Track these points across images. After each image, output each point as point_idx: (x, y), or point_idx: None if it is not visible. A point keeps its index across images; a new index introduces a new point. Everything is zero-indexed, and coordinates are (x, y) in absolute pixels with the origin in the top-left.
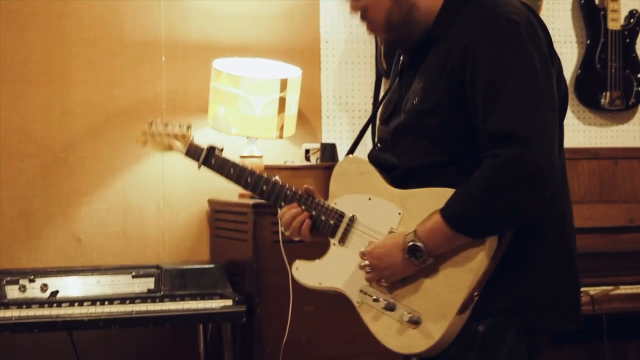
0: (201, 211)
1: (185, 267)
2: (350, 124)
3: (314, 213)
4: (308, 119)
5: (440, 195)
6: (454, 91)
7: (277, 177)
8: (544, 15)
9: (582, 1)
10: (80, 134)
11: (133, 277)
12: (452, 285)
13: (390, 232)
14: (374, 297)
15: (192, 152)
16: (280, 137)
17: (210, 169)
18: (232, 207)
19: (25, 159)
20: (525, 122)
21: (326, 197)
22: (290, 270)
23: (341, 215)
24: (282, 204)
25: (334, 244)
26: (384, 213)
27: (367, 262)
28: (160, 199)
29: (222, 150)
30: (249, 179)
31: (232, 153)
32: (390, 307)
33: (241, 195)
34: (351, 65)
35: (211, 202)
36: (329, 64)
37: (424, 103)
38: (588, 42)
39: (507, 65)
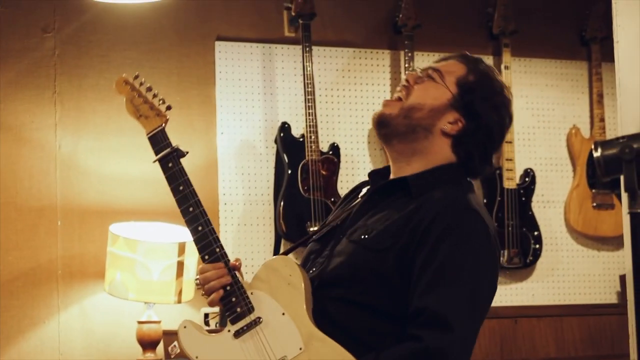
0: None
1: None
2: None
3: (228, 288)
4: None
5: None
6: (406, 249)
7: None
8: None
9: None
10: None
11: None
12: None
13: (282, 359)
14: None
15: (157, 140)
16: (179, 302)
17: (162, 170)
18: None
19: None
20: (460, 316)
21: None
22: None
23: (250, 310)
24: (207, 257)
25: (228, 331)
26: (287, 337)
27: None
28: None
29: (185, 154)
30: (190, 209)
31: (129, 318)
32: None
33: None
34: (250, 227)
35: None
36: (227, 226)
37: (376, 242)
38: (485, 201)
39: (466, 260)
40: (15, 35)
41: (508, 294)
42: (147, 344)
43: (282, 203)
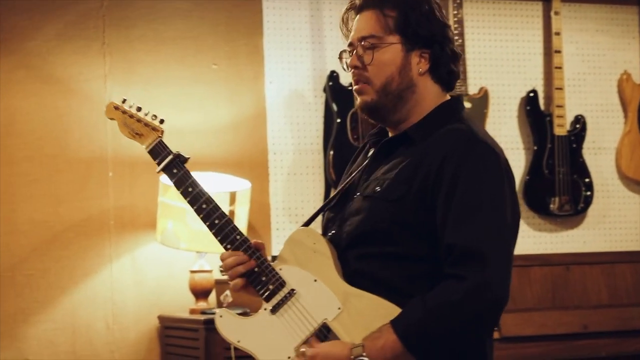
0: (151, 328)
1: None
2: None
3: (256, 270)
4: (258, 232)
5: (385, 309)
6: (423, 193)
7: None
8: (490, 122)
9: (528, 108)
10: (27, 253)
11: None
12: None
13: (324, 323)
14: None
15: (157, 151)
16: None
17: (169, 177)
18: (183, 324)
19: None
20: (493, 245)
21: None
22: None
23: (282, 284)
24: (228, 246)
25: (264, 309)
26: (324, 301)
27: None
28: (110, 316)
29: (187, 159)
30: (204, 206)
31: (181, 268)
32: None
33: (192, 311)
34: (300, 176)
35: (161, 319)
36: (277, 176)
37: (390, 192)
38: (535, 148)
39: (484, 191)
40: None
41: (559, 241)
42: (200, 293)
43: (331, 152)
